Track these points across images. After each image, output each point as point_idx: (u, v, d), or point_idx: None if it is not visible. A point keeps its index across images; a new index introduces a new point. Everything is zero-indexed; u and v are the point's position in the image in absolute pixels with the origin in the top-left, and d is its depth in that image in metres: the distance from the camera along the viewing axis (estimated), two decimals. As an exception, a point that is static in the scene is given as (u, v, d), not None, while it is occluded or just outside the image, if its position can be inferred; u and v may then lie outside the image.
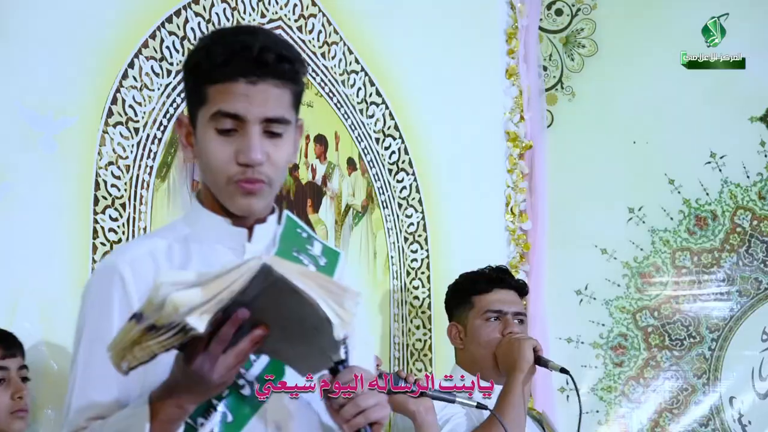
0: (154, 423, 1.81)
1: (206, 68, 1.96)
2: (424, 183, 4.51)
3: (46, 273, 3.20)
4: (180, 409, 1.82)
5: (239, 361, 1.79)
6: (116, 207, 3.39)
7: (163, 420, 1.82)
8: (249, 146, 1.94)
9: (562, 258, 4.98)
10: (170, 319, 1.68)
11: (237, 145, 1.95)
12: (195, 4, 3.70)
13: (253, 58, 1.94)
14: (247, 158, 1.94)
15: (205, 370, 1.76)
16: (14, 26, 3.22)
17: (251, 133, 1.95)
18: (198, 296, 1.68)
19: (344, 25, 4.23)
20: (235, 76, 1.94)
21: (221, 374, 1.77)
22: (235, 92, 1.94)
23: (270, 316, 1.78)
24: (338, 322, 1.74)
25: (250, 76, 1.94)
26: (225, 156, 1.95)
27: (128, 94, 3.47)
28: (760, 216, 5.01)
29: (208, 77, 1.96)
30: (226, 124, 1.95)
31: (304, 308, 1.73)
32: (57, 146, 3.28)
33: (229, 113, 1.95)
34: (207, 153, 1.97)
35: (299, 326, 1.79)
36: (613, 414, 4.93)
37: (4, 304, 3.11)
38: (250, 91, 1.95)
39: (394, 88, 4.43)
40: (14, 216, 3.16)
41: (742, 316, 4.95)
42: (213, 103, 1.96)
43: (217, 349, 1.76)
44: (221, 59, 1.94)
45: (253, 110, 1.95)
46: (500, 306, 3.66)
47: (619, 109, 5.07)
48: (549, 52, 5.15)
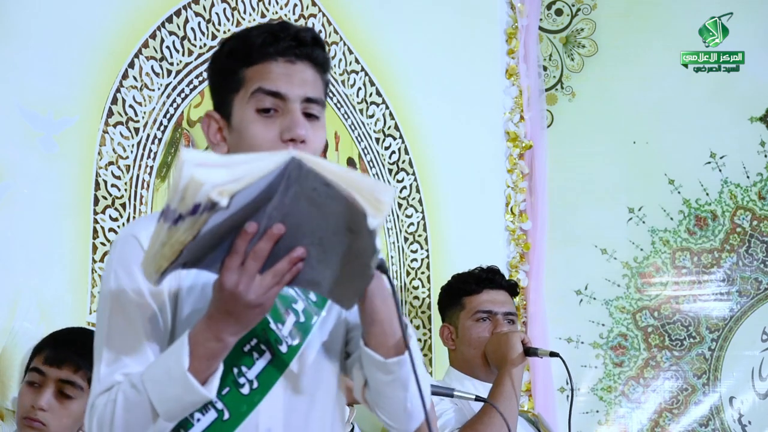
0: (193, 360, 1.76)
1: (244, 51, 1.95)
2: (424, 183, 4.51)
3: (46, 273, 3.20)
4: (219, 342, 1.76)
5: (277, 282, 1.73)
6: (116, 207, 3.39)
7: (202, 356, 1.76)
8: (294, 122, 1.93)
9: (562, 258, 4.98)
10: (194, 201, 1.59)
11: (280, 124, 1.93)
12: (195, 4, 3.70)
13: (291, 37, 1.94)
14: (293, 134, 1.92)
15: (241, 289, 1.70)
16: (14, 26, 3.22)
17: (294, 110, 1.94)
18: (222, 175, 1.59)
19: (344, 25, 4.23)
20: (274, 55, 1.94)
21: (258, 294, 1.71)
22: (275, 71, 1.94)
23: (305, 231, 1.69)
24: (372, 212, 1.64)
25: (288, 55, 1.94)
26: (270, 135, 1.93)
27: (128, 94, 3.47)
28: (760, 216, 5.01)
29: (246, 60, 1.95)
30: (266, 103, 1.94)
31: (337, 205, 1.65)
32: (57, 146, 3.27)
33: (270, 90, 1.93)
34: (249, 136, 1.94)
35: (335, 235, 1.69)
36: (613, 414, 4.93)
37: (4, 304, 3.10)
38: (289, 70, 1.94)
39: (394, 88, 4.43)
40: (14, 216, 3.16)
41: (742, 316, 4.95)
42: (252, 83, 1.94)
43: (253, 267, 1.70)
44: (260, 40, 1.94)
45: (293, 89, 1.94)
46: (490, 306, 3.67)
47: (619, 109, 5.08)
48: (549, 52, 5.15)
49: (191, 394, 1.77)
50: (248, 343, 1.92)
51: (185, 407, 1.80)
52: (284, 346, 1.95)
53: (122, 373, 1.85)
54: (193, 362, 1.77)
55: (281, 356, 1.95)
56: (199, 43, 3.69)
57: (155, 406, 1.79)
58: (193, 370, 1.77)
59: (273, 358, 1.94)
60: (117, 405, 1.82)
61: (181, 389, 1.77)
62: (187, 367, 1.76)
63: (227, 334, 1.77)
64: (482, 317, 3.65)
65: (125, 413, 1.81)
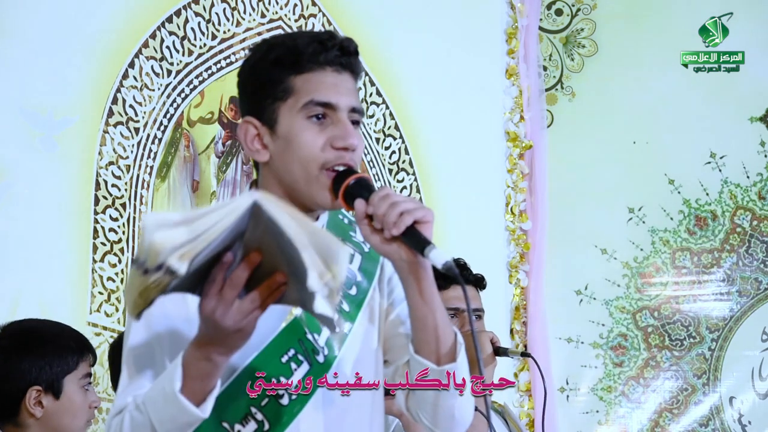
0: (187, 380, 1.77)
1: (292, 60, 1.95)
2: (424, 183, 4.52)
3: (46, 273, 3.20)
4: (209, 362, 1.78)
5: (257, 307, 1.73)
6: (116, 207, 3.39)
7: (195, 376, 1.78)
8: (347, 131, 1.94)
9: (562, 258, 4.98)
10: (157, 261, 1.62)
11: (331, 131, 1.95)
12: (195, 4, 3.70)
13: (338, 46, 1.96)
14: (345, 142, 1.93)
15: (217, 316, 1.72)
16: (14, 26, 3.22)
17: (344, 119, 1.95)
18: (181, 236, 1.62)
19: (344, 25, 4.23)
20: (323, 65, 1.95)
21: (236, 320, 1.72)
22: (325, 81, 1.95)
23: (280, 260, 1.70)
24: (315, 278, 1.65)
25: (336, 65, 1.96)
26: (320, 142, 1.94)
27: (128, 94, 3.47)
28: (760, 216, 5.01)
29: (294, 68, 1.95)
30: (317, 112, 1.95)
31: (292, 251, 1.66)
32: (57, 146, 3.28)
33: (322, 102, 1.95)
34: (300, 143, 1.94)
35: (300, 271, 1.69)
36: (613, 414, 4.93)
37: (4, 304, 3.10)
38: (337, 80, 1.96)
39: (394, 88, 4.43)
40: (14, 216, 3.16)
41: (742, 316, 4.95)
42: (303, 93, 1.95)
43: (229, 294, 1.72)
44: (310, 49, 1.95)
45: (342, 99, 1.96)
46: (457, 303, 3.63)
47: (619, 109, 5.08)
48: (549, 52, 5.15)
49: (184, 414, 1.79)
50: (286, 353, 1.94)
51: (181, 427, 1.81)
52: (321, 356, 1.97)
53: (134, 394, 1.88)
54: (187, 383, 1.78)
55: (319, 366, 1.96)
56: (199, 43, 3.69)
57: (155, 427, 1.81)
58: (188, 391, 1.79)
59: (311, 368, 1.95)
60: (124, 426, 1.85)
61: (175, 410, 1.79)
62: (178, 389, 1.78)
63: (215, 354, 1.79)
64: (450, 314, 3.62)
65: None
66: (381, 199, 1.87)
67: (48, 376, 2.66)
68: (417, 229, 1.85)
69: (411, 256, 1.86)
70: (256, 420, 1.92)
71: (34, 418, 2.66)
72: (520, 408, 4.86)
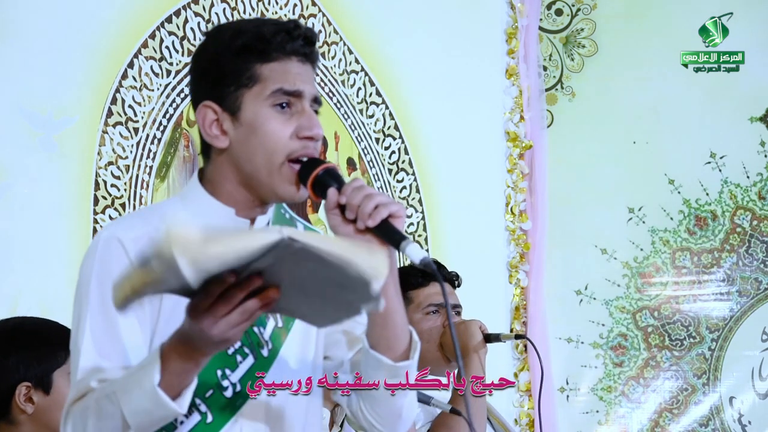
0: (165, 374, 1.74)
1: (259, 48, 1.94)
2: (424, 183, 4.52)
3: (46, 273, 3.20)
4: (190, 361, 1.76)
5: (244, 320, 1.71)
6: (116, 207, 3.39)
7: (173, 371, 1.75)
8: (312, 121, 1.94)
9: (562, 258, 4.98)
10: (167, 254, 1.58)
11: (296, 120, 1.94)
12: (195, 4, 3.70)
13: (302, 36, 1.96)
14: (311, 132, 1.93)
15: (204, 325, 1.69)
16: (14, 26, 3.22)
17: (309, 109, 1.95)
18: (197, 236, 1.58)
19: (344, 25, 4.24)
20: (289, 54, 1.95)
21: (222, 331, 1.70)
22: (291, 70, 1.95)
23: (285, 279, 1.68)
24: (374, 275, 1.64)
25: (300, 55, 1.96)
26: (287, 132, 1.93)
27: (128, 94, 3.47)
28: (760, 216, 5.01)
29: (262, 56, 1.94)
30: (283, 100, 1.94)
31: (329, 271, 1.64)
32: (57, 146, 3.28)
33: (291, 91, 1.94)
34: (266, 131, 1.93)
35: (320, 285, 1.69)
36: (613, 414, 4.93)
37: (4, 304, 3.10)
38: (301, 70, 1.96)
39: (394, 88, 4.43)
40: (14, 216, 3.16)
41: (742, 316, 4.95)
42: (271, 82, 1.94)
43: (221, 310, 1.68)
44: (278, 39, 1.94)
45: (306, 87, 1.96)
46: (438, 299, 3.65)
47: (619, 109, 5.08)
48: (549, 52, 5.15)
49: (161, 408, 1.76)
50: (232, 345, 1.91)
51: (155, 421, 1.79)
52: (265, 350, 1.96)
53: (98, 379, 1.84)
54: (165, 377, 1.75)
55: (263, 360, 1.95)
56: (198, 43, 3.69)
57: (126, 418, 1.78)
58: (165, 385, 1.75)
59: (255, 361, 1.94)
60: (90, 414, 1.81)
61: (152, 403, 1.76)
62: (157, 382, 1.75)
63: (198, 355, 1.76)
64: (432, 310, 3.63)
65: (98, 422, 1.80)
66: (355, 189, 1.88)
67: (37, 371, 2.64)
68: (391, 222, 1.85)
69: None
70: (200, 411, 1.90)
71: (26, 414, 2.64)
72: (520, 408, 4.86)
